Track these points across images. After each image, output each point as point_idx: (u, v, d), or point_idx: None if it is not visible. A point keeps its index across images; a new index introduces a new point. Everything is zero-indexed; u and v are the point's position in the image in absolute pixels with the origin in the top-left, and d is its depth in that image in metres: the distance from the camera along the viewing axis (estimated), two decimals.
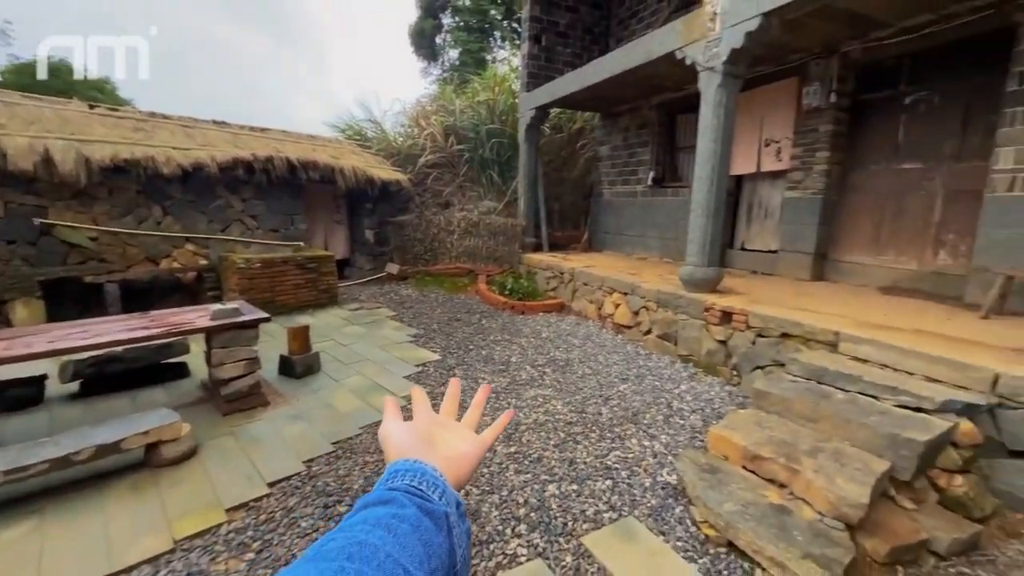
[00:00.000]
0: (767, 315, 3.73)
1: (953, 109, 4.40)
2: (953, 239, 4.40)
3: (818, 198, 5.24)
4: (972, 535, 2.20)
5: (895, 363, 2.91)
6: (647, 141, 7.64)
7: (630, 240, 8.07)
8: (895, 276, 4.81)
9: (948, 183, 4.44)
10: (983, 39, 4.02)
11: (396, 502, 0.45)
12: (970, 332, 3.22)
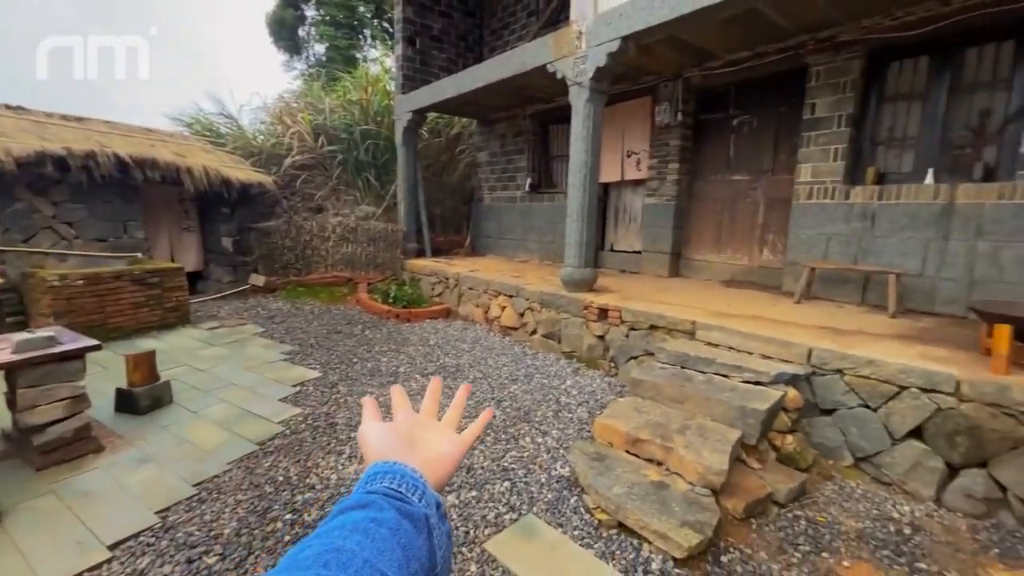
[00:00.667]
0: (637, 310, 4.12)
1: (767, 131, 5.30)
2: (773, 239, 5.31)
3: (672, 204, 5.93)
4: (801, 483, 2.66)
5: (739, 345, 3.41)
6: (523, 149, 7.95)
7: (512, 244, 8.33)
8: (733, 271, 5.65)
9: (767, 192, 5.35)
10: (786, 76, 4.91)
11: (374, 505, 0.44)
12: (789, 315, 3.91)
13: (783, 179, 5.13)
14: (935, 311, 3.94)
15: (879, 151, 4.47)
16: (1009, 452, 2.37)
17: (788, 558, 2.21)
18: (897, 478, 2.69)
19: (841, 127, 4.41)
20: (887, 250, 4.18)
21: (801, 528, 2.41)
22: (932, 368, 2.62)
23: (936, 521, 2.45)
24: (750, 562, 2.17)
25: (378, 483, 0.47)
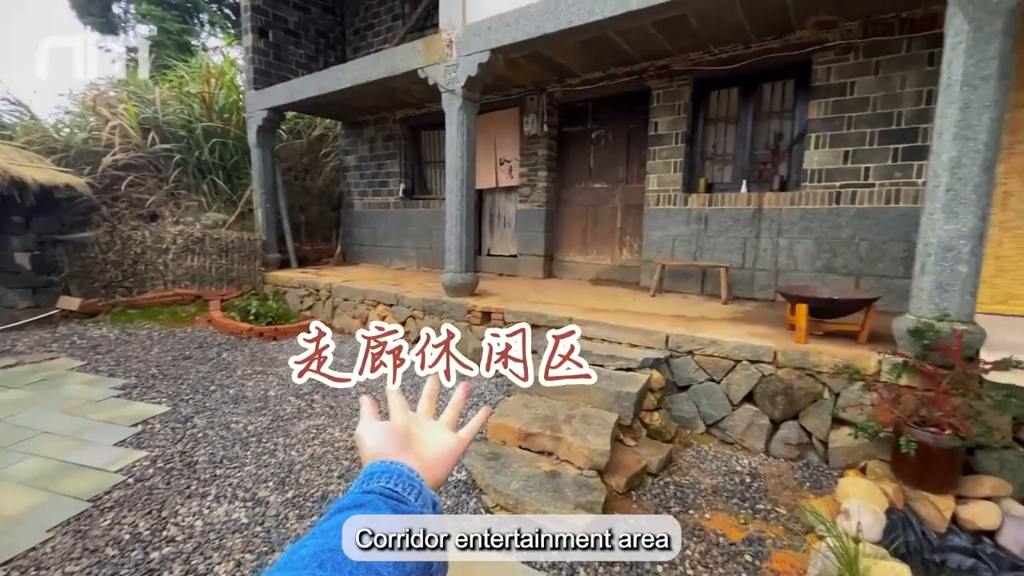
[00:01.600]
0: (519, 311, 4.30)
1: (621, 145, 5.94)
2: (630, 240, 5.95)
3: (543, 210, 6.31)
4: (668, 453, 3.03)
5: (610, 336, 3.76)
6: (395, 153, 7.77)
7: (387, 251, 8.07)
8: (599, 270, 6.20)
9: (624, 199, 5.98)
10: (634, 96, 5.56)
11: (371, 505, 0.44)
12: (648, 307, 4.42)
13: (636, 187, 5.78)
14: (754, 296, 4.79)
15: (707, 165, 5.30)
16: (811, 405, 2.99)
17: None
18: (737, 437, 3.22)
19: (678, 143, 5.14)
20: (718, 247, 4.97)
21: (671, 492, 2.75)
22: (757, 343, 3.19)
23: (767, 468, 2.99)
24: None
25: (375, 483, 0.47)
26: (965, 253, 2.55)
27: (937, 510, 2.38)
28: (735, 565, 2.18)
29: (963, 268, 2.56)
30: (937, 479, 2.43)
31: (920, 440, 2.37)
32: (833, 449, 2.91)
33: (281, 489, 2.66)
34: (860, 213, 4.22)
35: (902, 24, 3.97)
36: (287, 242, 7.56)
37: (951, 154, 2.55)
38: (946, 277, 2.60)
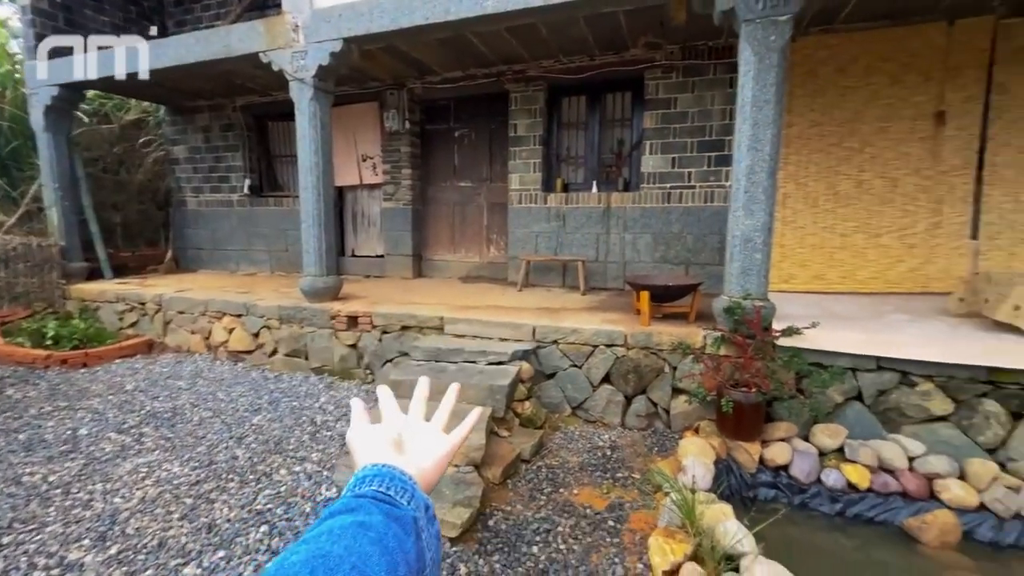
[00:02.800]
0: (388, 313, 4.16)
1: (484, 144, 6.08)
2: (496, 238, 6.13)
3: (408, 208, 6.18)
4: (539, 439, 3.21)
5: (481, 332, 3.84)
6: (237, 145, 6.93)
7: (232, 255, 7.18)
8: (468, 267, 6.28)
9: (489, 198, 6.13)
10: (494, 98, 5.72)
11: (362, 509, 0.44)
12: (515, 301, 4.62)
13: (500, 186, 5.97)
14: (608, 287, 5.29)
15: (563, 166, 5.69)
16: (656, 379, 3.41)
17: (537, 503, 2.64)
18: (598, 415, 3.54)
19: (536, 145, 5.43)
20: (575, 243, 5.38)
21: (544, 475, 2.92)
22: (610, 328, 3.53)
23: (623, 439, 3.34)
24: (511, 517, 2.51)
25: (367, 486, 0.47)
26: (760, 243, 3.13)
27: (749, 455, 2.90)
28: (601, 532, 2.40)
29: (759, 256, 3.15)
30: (748, 430, 2.95)
31: (735, 399, 2.86)
32: (674, 415, 3.37)
33: (101, 546, 2.21)
34: (686, 211, 4.91)
35: (710, 51, 4.70)
36: (97, 248, 6.27)
37: (747, 162, 3.10)
38: (747, 263, 3.17)
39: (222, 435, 3.28)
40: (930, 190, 4.09)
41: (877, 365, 2.94)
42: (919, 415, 2.86)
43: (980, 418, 2.75)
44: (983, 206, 3.99)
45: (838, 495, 2.72)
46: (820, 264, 4.38)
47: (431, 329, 4.04)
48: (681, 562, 2.01)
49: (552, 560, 2.20)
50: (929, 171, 4.09)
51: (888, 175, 4.19)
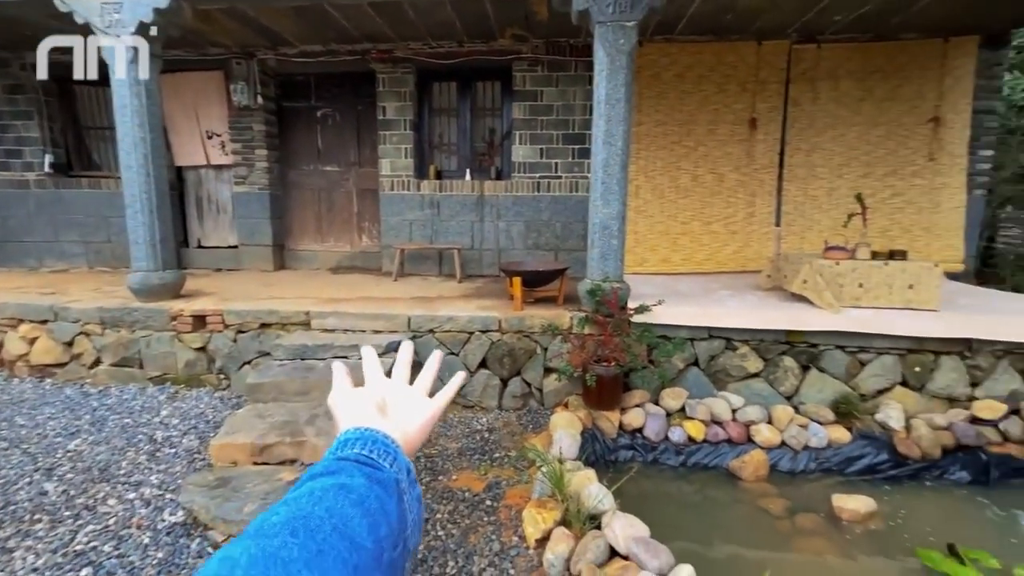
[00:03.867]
0: (243, 310, 3.75)
1: (350, 126, 5.73)
2: (368, 225, 5.86)
3: (265, 193, 5.60)
4: None
5: (352, 326, 3.66)
6: (31, 112, 5.61)
7: (33, 248, 5.85)
8: (338, 258, 5.92)
9: (358, 183, 5.82)
10: (360, 77, 5.40)
11: (344, 471, 0.43)
12: (390, 292, 4.48)
13: (370, 171, 5.70)
14: (484, 274, 5.39)
15: (436, 152, 5.62)
16: (529, 360, 3.58)
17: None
18: (476, 400, 3.62)
19: (406, 130, 5.28)
20: (450, 230, 5.37)
21: (423, 465, 2.90)
22: (485, 314, 3.61)
23: (500, 421, 3.46)
24: None
25: (349, 449, 0.46)
26: (616, 231, 3.44)
27: (610, 422, 3.21)
28: (479, 512, 2.47)
29: (615, 242, 3.45)
30: (609, 400, 3.26)
31: (598, 373, 3.13)
32: (547, 393, 3.58)
33: None
34: (554, 200, 5.19)
35: (571, 49, 4.98)
36: None
37: (603, 155, 3.37)
38: (606, 249, 3.46)
39: (24, 469, 2.69)
40: (746, 185, 4.86)
41: (708, 334, 3.44)
42: (739, 374, 3.42)
43: (781, 372, 3.38)
44: (783, 198, 4.86)
45: (681, 448, 3.15)
46: (666, 248, 4.96)
47: (296, 325, 3.74)
48: (551, 528, 2.17)
49: (431, 548, 2.21)
50: (746, 169, 4.85)
51: (716, 171, 4.87)
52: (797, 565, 2.40)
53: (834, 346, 3.36)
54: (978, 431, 3.08)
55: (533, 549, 2.16)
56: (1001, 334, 3.16)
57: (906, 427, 3.11)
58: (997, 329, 3.17)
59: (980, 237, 5.00)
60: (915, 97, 4.60)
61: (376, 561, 0.39)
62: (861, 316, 3.28)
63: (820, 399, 3.34)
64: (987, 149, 4.79)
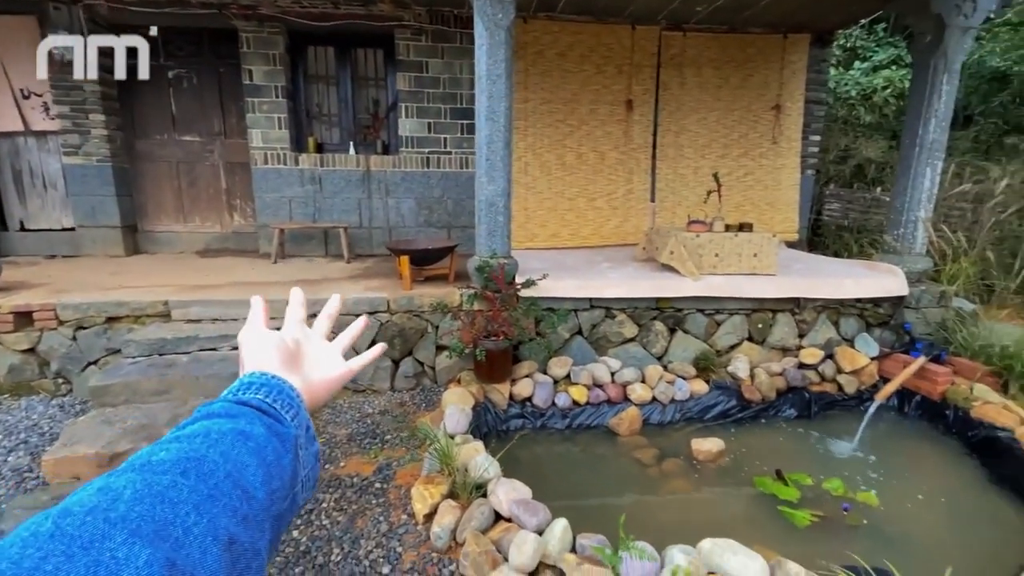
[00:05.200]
0: (83, 302, 3.24)
1: (211, 91, 5.09)
2: (240, 203, 5.32)
3: (107, 166, 4.81)
4: None
5: (222, 315, 3.34)
6: None
7: None
8: (206, 239, 5.32)
9: (225, 156, 5.23)
10: (220, 35, 4.79)
11: (244, 417, 0.41)
12: (268, 275, 4.15)
13: (238, 143, 5.14)
14: (375, 253, 5.19)
15: (315, 124, 5.21)
16: (420, 340, 3.56)
17: None
18: (367, 384, 3.53)
19: (279, 98, 4.82)
20: (335, 208, 5.07)
21: None
22: (373, 295, 3.50)
23: (393, 402, 3.42)
24: None
25: (252, 393, 0.45)
26: (501, 207, 3.49)
27: (501, 394, 3.32)
28: (367, 496, 2.44)
29: (501, 218, 3.51)
30: (500, 373, 3.36)
31: (487, 348, 3.20)
32: (439, 371, 3.59)
33: None
34: (445, 176, 5.12)
35: (456, 19, 4.85)
36: None
37: (486, 132, 3.37)
38: (493, 226, 3.50)
39: None
40: (625, 163, 5.18)
41: (590, 304, 3.67)
42: (617, 339, 3.71)
43: (653, 335, 3.73)
44: (657, 176, 5.27)
45: (567, 412, 3.37)
46: (555, 224, 5.16)
47: (153, 317, 3.32)
48: (439, 502, 2.21)
49: (315, 538, 2.15)
50: (624, 148, 5.16)
51: (598, 149, 5.13)
52: (663, 504, 2.71)
53: (696, 310, 3.77)
54: (803, 375, 3.69)
55: (421, 525, 2.19)
56: (820, 292, 3.77)
57: (751, 376, 3.62)
58: (818, 289, 3.77)
59: (810, 211, 5.88)
60: (761, 86, 5.20)
61: (265, 512, 0.38)
62: (717, 282, 3.70)
63: (684, 357, 3.75)
64: (816, 135, 5.59)
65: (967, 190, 4.98)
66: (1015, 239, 5.02)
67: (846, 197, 6.32)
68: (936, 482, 2.90)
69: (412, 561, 2.02)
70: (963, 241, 4.30)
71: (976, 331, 3.70)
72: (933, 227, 4.11)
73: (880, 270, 3.97)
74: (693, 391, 3.51)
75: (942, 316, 3.86)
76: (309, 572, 1.97)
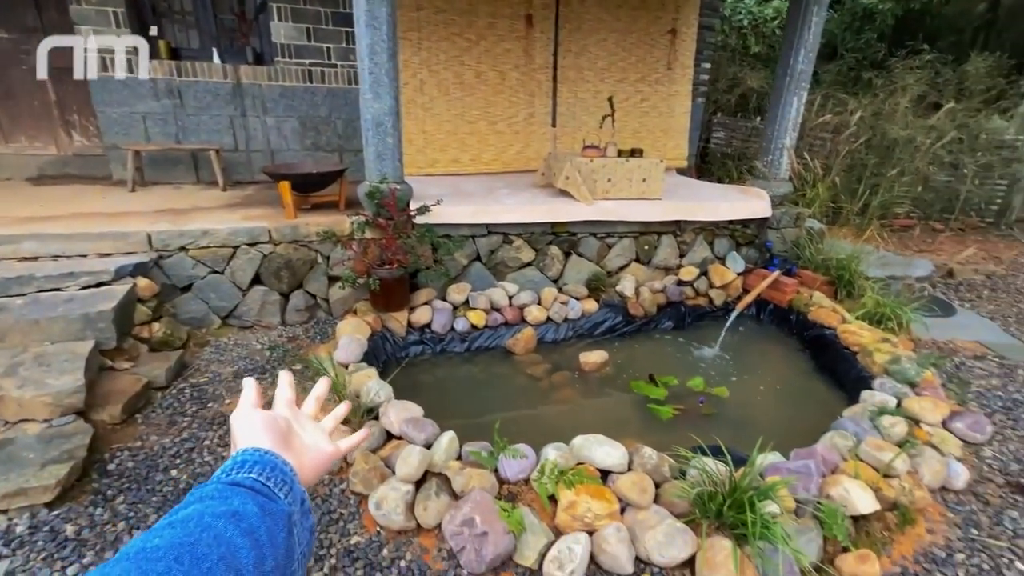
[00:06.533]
0: None
1: None
2: (80, 120, 4.47)
3: None
4: (178, 360, 2.82)
5: (65, 251, 2.90)
6: None
7: None
8: (39, 163, 4.47)
9: (52, 60, 4.27)
10: None
11: (237, 498, 0.42)
12: (124, 205, 3.62)
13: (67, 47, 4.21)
14: (256, 180, 4.70)
15: (166, 24, 4.39)
16: (310, 271, 3.38)
17: (179, 426, 2.39)
18: (255, 319, 3.33)
19: None
20: (203, 127, 4.45)
21: (188, 396, 2.63)
22: (251, 225, 3.21)
23: (285, 337, 3.28)
24: (142, 452, 2.20)
25: (246, 472, 0.46)
26: (390, 127, 3.27)
27: (399, 323, 3.31)
28: None
29: (391, 140, 3.30)
30: (397, 301, 3.33)
31: (382, 277, 3.13)
32: (333, 303, 3.47)
33: None
34: (331, 93, 4.65)
35: None
36: None
37: (367, 40, 3.05)
38: (382, 148, 3.29)
39: None
40: (526, 84, 5.03)
41: (487, 230, 3.68)
42: (515, 264, 3.80)
43: (549, 259, 3.86)
44: (558, 100, 5.21)
45: (465, 336, 3.46)
46: (456, 149, 4.98)
47: None
48: None
49: (197, 475, 2.09)
50: (524, 67, 4.98)
51: (499, 68, 4.91)
52: (552, 413, 2.95)
53: (589, 234, 3.93)
54: (681, 291, 4.07)
55: None
56: (699, 215, 4.09)
57: (636, 294, 3.93)
58: (697, 212, 4.08)
59: (700, 139, 6.21)
60: (659, 8, 5.18)
61: None
62: (609, 206, 3.86)
63: (578, 279, 3.95)
64: (708, 62, 5.78)
65: (828, 120, 5.51)
66: (862, 167, 5.73)
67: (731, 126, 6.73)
68: (776, 374, 3.45)
69: None
70: (819, 168, 4.82)
71: (821, 247, 4.27)
72: (797, 155, 4.54)
73: (750, 194, 4.36)
74: (585, 310, 3.74)
75: (796, 235, 4.38)
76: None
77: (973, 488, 2.20)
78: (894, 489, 1.99)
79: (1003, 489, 2.19)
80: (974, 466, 2.32)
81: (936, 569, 1.80)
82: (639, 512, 1.82)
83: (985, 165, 5.88)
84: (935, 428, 2.43)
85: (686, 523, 1.77)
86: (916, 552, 1.87)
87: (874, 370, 2.95)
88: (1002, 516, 2.05)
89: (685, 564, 1.72)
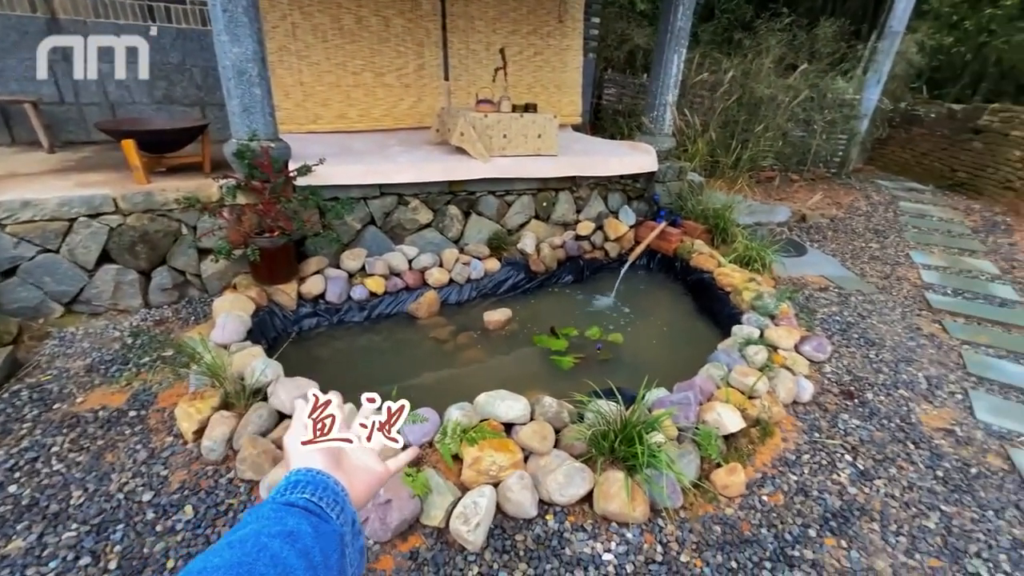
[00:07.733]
0: None
1: None
2: None
3: None
4: (8, 359, 2.36)
5: None
6: None
7: None
8: None
9: None
10: None
11: (292, 518, 0.44)
12: None
13: None
14: (95, 140, 3.96)
15: None
16: (174, 245, 2.97)
17: (16, 435, 2.03)
18: (108, 304, 2.88)
19: None
20: (12, 74, 3.61)
21: (25, 399, 2.23)
22: (89, 193, 2.71)
23: (150, 321, 2.88)
24: None
25: (298, 493, 0.47)
26: (255, 76, 2.88)
27: (288, 295, 3.06)
28: (119, 427, 2.10)
29: (258, 91, 2.92)
30: (282, 272, 3.06)
31: (261, 246, 2.84)
32: (207, 278, 3.10)
33: None
34: (182, 35, 3.98)
35: None
36: None
37: None
38: (248, 100, 2.91)
39: None
40: (414, 33, 4.71)
41: (380, 192, 3.47)
42: (413, 226, 3.65)
43: (448, 220, 3.76)
44: (449, 52, 4.96)
45: (364, 304, 3.30)
46: (340, 103, 4.57)
47: None
48: (210, 416, 2.02)
49: (43, 487, 1.80)
50: (411, 14, 4.64)
51: (381, 13, 4.52)
52: (458, 374, 2.95)
53: (487, 192, 3.87)
54: (579, 245, 4.22)
55: (192, 443, 2.00)
56: (593, 171, 4.20)
57: (537, 250, 3.99)
58: (591, 168, 4.18)
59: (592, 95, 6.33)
60: None
61: None
62: (505, 164, 3.81)
63: (480, 239, 3.91)
64: (596, 16, 5.82)
65: (706, 79, 5.88)
66: (734, 123, 6.25)
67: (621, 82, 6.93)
68: (664, 317, 3.74)
69: (182, 480, 1.86)
70: (699, 124, 5.16)
71: (701, 199, 4.63)
72: (678, 111, 4.81)
73: (639, 150, 4.55)
74: (487, 269, 3.74)
75: (680, 188, 4.70)
76: (38, 524, 1.66)
77: (816, 399, 2.59)
78: (756, 408, 2.28)
79: (838, 397, 2.62)
80: (817, 380, 2.73)
81: (788, 470, 2.12)
82: (541, 458, 1.90)
83: (831, 122, 6.70)
84: (789, 352, 2.81)
85: (584, 462, 1.89)
86: (773, 459, 2.17)
87: (743, 307, 3.32)
88: (836, 419, 2.45)
89: (584, 499, 1.85)
